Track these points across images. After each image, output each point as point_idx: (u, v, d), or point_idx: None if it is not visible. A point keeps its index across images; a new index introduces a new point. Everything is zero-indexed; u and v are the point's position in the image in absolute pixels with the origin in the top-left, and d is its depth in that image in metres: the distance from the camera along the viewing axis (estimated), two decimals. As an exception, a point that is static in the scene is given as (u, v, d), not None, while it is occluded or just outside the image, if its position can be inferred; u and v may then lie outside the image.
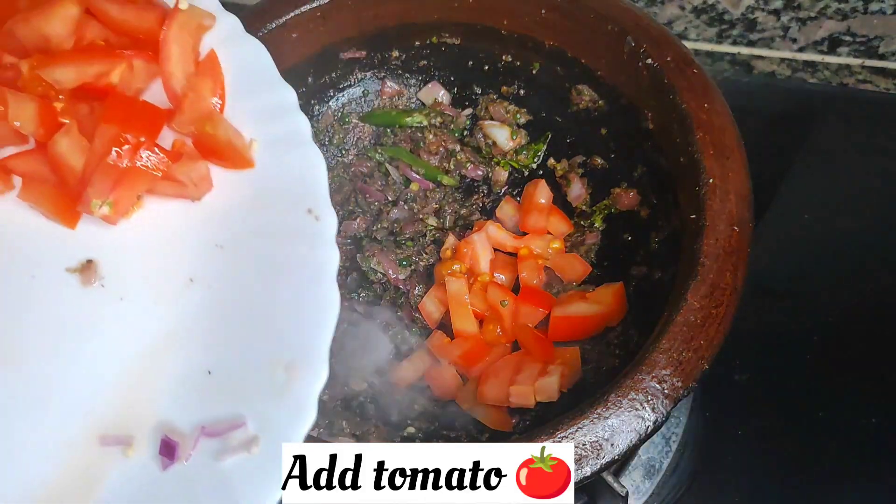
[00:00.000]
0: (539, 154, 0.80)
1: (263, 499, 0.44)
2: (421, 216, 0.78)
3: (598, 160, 0.76)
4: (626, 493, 0.58)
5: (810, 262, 0.85)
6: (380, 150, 0.81)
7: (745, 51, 1.02)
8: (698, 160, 0.60)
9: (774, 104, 0.98)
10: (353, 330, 0.71)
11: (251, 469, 0.44)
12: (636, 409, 0.50)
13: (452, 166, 0.80)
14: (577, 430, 0.49)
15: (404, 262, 0.75)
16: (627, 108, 0.71)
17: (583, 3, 0.69)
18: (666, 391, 0.51)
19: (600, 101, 0.74)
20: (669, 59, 0.65)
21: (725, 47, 1.02)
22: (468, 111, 0.82)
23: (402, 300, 0.74)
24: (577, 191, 0.76)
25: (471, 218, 0.78)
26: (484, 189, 0.80)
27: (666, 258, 0.65)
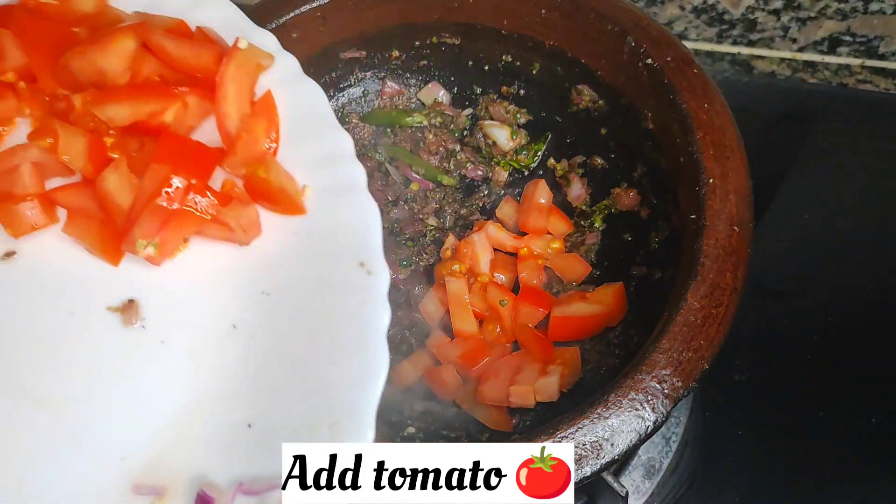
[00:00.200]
0: (539, 154, 0.80)
1: None
2: (421, 216, 0.78)
3: (598, 160, 0.76)
4: (626, 493, 0.59)
5: (810, 262, 0.85)
6: (380, 150, 0.81)
7: (745, 51, 1.02)
8: (698, 160, 0.60)
9: (774, 104, 0.98)
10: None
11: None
12: (636, 409, 0.50)
13: (452, 166, 0.80)
14: (577, 430, 0.49)
15: (404, 262, 0.75)
16: (627, 108, 0.71)
17: (583, 3, 0.69)
18: (666, 391, 0.51)
19: (600, 101, 0.74)
20: (669, 59, 0.65)
21: (725, 47, 1.02)
22: (468, 111, 0.82)
23: (402, 300, 0.74)
24: (577, 191, 0.76)
25: (471, 218, 0.78)
26: (484, 189, 0.80)
27: (666, 258, 0.65)
